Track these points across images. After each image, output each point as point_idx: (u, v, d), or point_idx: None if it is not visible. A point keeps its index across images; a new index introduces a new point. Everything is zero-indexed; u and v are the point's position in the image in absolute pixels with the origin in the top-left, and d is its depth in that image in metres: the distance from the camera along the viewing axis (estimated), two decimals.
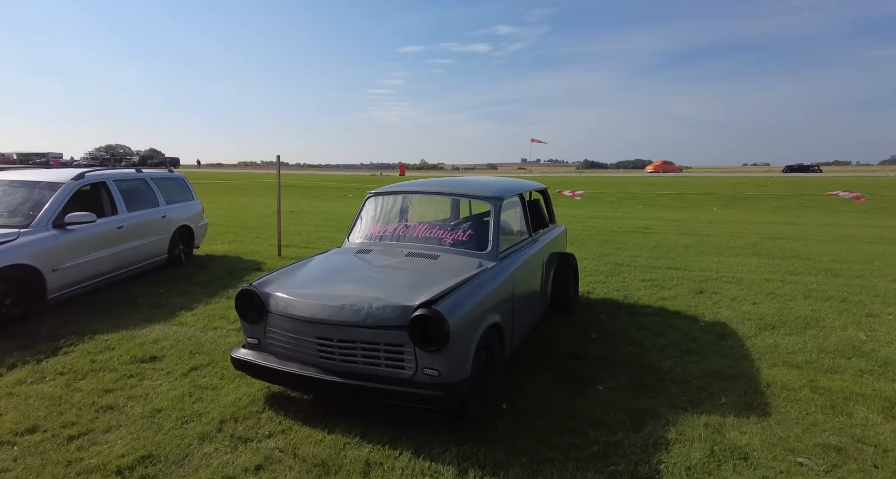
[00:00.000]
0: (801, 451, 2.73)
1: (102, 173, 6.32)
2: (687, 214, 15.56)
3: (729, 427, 2.96)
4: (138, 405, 3.16)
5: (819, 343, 4.32)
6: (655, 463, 2.60)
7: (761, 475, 2.52)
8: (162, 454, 2.62)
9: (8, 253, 4.65)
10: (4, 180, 5.70)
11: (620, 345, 4.25)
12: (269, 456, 2.62)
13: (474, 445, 2.74)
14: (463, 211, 4.85)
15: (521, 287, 3.77)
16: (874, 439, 2.86)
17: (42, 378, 3.55)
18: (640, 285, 6.30)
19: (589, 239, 10.14)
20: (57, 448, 2.66)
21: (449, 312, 2.69)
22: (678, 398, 3.33)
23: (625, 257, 8.13)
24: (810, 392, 3.40)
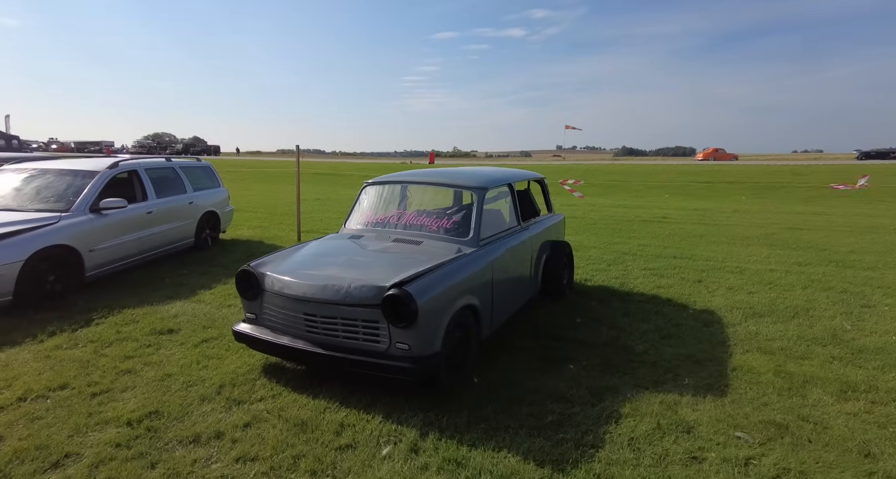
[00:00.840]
0: (744, 426, 2.92)
1: (134, 163, 6.84)
2: (712, 204, 15.32)
3: (683, 405, 3.16)
4: (152, 369, 3.59)
5: (801, 331, 4.42)
6: (602, 433, 2.84)
7: (697, 446, 2.73)
8: (166, 410, 3.02)
9: (50, 235, 5.18)
10: (51, 169, 6.26)
11: (602, 329, 4.45)
12: (257, 416, 2.99)
13: (440, 412, 3.03)
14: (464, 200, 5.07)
15: (503, 272, 4.01)
16: (818, 417, 3.01)
17: (75, 345, 4.02)
18: (640, 274, 6.43)
19: (603, 228, 10.22)
20: (81, 402, 3.10)
21: (419, 292, 2.98)
22: (643, 378, 3.54)
23: (633, 246, 8.22)
24: (773, 376, 3.55)
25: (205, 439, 2.74)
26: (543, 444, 2.73)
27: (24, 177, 6.15)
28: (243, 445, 2.68)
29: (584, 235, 9.27)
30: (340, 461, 2.57)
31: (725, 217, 12.01)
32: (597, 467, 2.54)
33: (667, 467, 2.56)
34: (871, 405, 3.17)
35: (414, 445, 2.71)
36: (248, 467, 2.51)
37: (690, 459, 2.63)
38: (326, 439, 2.75)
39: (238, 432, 2.81)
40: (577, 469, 2.51)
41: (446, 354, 3.25)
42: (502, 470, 2.50)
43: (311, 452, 2.63)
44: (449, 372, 3.30)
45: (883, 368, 3.69)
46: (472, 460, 2.58)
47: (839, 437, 2.82)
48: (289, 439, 2.75)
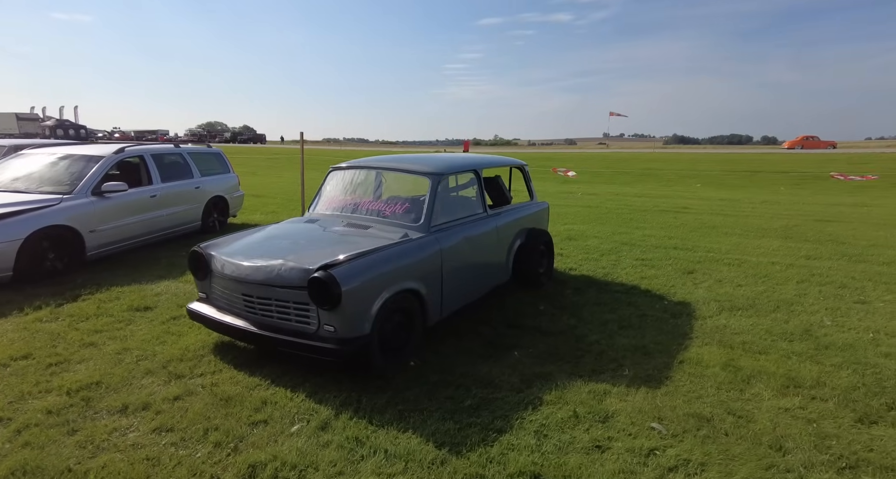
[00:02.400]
0: (667, 418, 2.84)
1: (141, 148, 7.16)
2: (744, 194, 14.66)
3: (612, 395, 3.10)
4: (114, 343, 3.80)
5: (774, 326, 4.22)
6: (513, 419, 2.83)
7: (606, 435, 2.69)
8: (108, 381, 3.20)
9: (50, 215, 5.51)
10: (60, 154, 6.64)
11: (563, 318, 4.39)
12: (190, 390, 3.12)
13: (363, 393, 3.09)
14: None
15: (460, 259, 4.00)
16: (747, 411, 2.90)
17: (55, 319, 4.30)
18: (631, 264, 6.27)
19: (614, 217, 9.97)
20: (35, 372, 3.33)
21: (344, 275, 3.02)
22: (583, 367, 3.48)
23: (636, 237, 8.00)
24: (720, 370, 3.42)
25: (132, 409, 2.89)
26: (451, 427, 2.75)
27: (36, 161, 6.55)
28: (165, 416, 2.82)
29: (589, 225, 9.09)
30: (249, 435, 2.67)
31: (751, 208, 11.48)
32: (493, 451, 2.54)
33: (566, 454, 2.53)
34: (808, 401, 3.02)
35: (324, 423, 2.78)
36: (161, 437, 2.64)
37: (593, 447, 2.59)
38: (244, 414, 2.86)
39: (165, 404, 2.95)
40: (472, 452, 2.52)
41: (382, 337, 3.30)
42: (398, 450, 2.54)
43: (225, 425, 2.74)
44: (385, 355, 3.34)
45: (841, 365, 3.49)
46: (373, 439, 2.63)
47: (758, 431, 2.71)
48: (209, 412, 2.87)
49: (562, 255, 6.73)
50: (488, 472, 2.39)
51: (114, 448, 2.53)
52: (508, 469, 2.40)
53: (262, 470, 2.37)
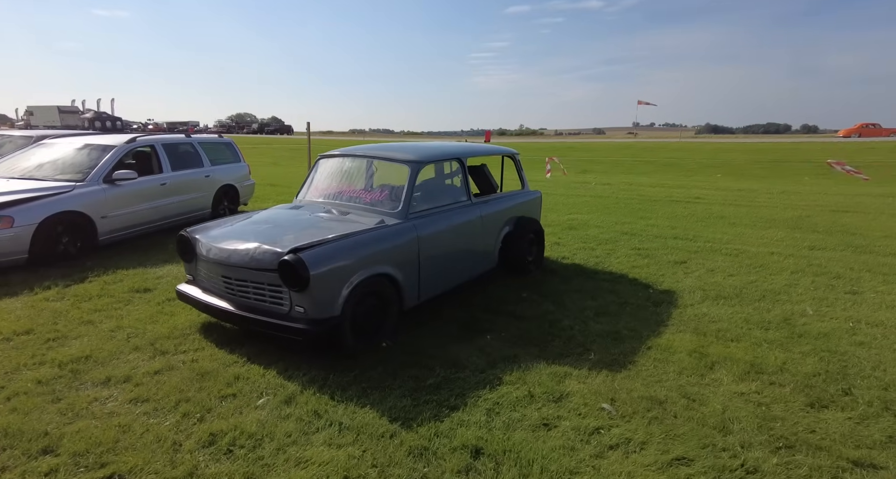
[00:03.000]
0: (622, 400, 2.90)
1: (152, 138, 7.44)
2: (763, 184, 14.31)
3: (572, 377, 3.18)
4: (110, 322, 4.03)
5: (754, 315, 4.21)
6: (470, 398, 2.93)
7: (556, 415, 2.77)
8: (97, 356, 3.42)
9: (63, 202, 5.81)
10: (77, 144, 6.97)
11: (543, 304, 4.45)
12: (171, 365, 3.32)
13: (332, 371, 3.23)
14: (428, 174, 5.15)
15: (439, 245, 4.10)
16: (700, 395, 2.95)
17: (61, 298, 4.57)
18: (626, 254, 6.26)
19: (622, 207, 9.90)
20: (34, 346, 3.58)
21: (312, 259, 3.16)
22: (550, 351, 3.55)
23: (639, 227, 7.95)
24: (686, 355, 3.45)
25: (114, 382, 3.10)
26: (408, 403, 2.87)
27: (54, 151, 6.89)
28: (143, 388, 3.02)
29: (594, 214, 9.05)
30: (216, 407, 2.84)
31: (767, 198, 11.23)
32: (443, 426, 2.65)
33: (512, 431, 2.63)
34: (766, 387, 3.04)
35: (289, 397, 2.93)
36: (136, 407, 2.84)
37: (541, 425, 2.68)
38: (216, 388, 3.03)
39: (146, 377, 3.15)
40: (421, 427, 2.64)
41: (354, 318, 3.43)
42: (353, 423, 2.67)
43: (196, 398, 2.92)
44: (357, 336, 3.48)
45: (809, 353, 3.48)
46: (331, 413, 2.77)
47: (707, 413, 2.76)
48: (184, 386, 3.05)
49: (558, 244, 6.76)
50: (433, 445, 2.50)
51: (91, 416, 2.73)
52: (453, 443, 2.51)
53: (220, 438, 2.53)
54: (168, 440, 2.51)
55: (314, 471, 2.30)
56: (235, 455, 2.41)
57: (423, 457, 2.42)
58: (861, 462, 2.37)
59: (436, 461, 2.39)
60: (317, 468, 2.32)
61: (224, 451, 2.44)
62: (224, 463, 2.36)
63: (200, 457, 2.39)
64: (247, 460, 2.38)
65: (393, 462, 2.37)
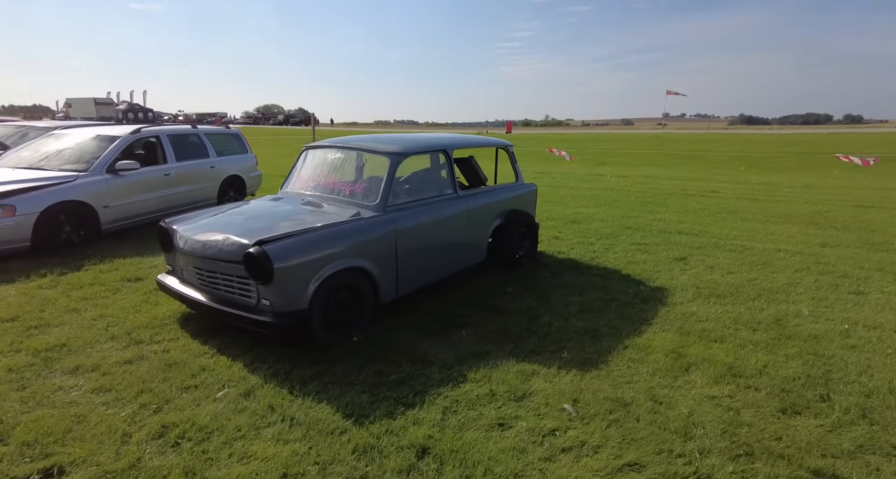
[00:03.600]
0: (586, 401, 2.81)
1: (157, 129, 7.54)
2: (787, 178, 13.82)
3: (539, 376, 3.09)
4: (94, 310, 4.10)
5: (745, 315, 4.04)
6: (430, 395, 2.88)
7: (514, 414, 2.70)
8: (73, 345, 3.48)
9: (65, 191, 5.93)
10: (83, 134, 7.11)
11: (526, 300, 4.36)
12: (142, 355, 3.35)
13: (298, 364, 3.21)
14: (415, 166, 5.08)
15: (419, 239, 4.03)
16: (669, 398, 2.84)
17: (54, 286, 4.67)
18: (624, 249, 6.10)
19: (632, 201, 9.66)
20: (15, 332, 3.65)
21: (277, 251, 3.14)
22: (523, 348, 3.47)
23: (644, 221, 7.74)
24: (663, 356, 3.33)
25: (82, 371, 3.14)
26: (365, 399, 2.83)
27: (61, 141, 7.04)
28: (108, 378, 3.05)
29: (601, 208, 8.86)
30: (175, 399, 2.85)
31: (787, 193, 10.83)
32: (396, 423, 2.61)
33: (465, 430, 2.57)
34: (740, 390, 2.92)
35: (249, 390, 2.92)
36: (97, 397, 2.87)
37: (496, 425, 2.62)
38: (181, 379, 3.04)
39: (115, 367, 3.19)
40: (373, 424, 2.60)
41: (325, 311, 3.40)
42: (306, 419, 2.65)
43: (158, 389, 2.94)
44: (328, 329, 3.46)
45: (794, 355, 3.32)
46: (286, 407, 2.75)
47: (672, 417, 2.65)
48: (150, 376, 3.08)
49: (557, 238, 6.63)
50: (381, 443, 2.46)
51: (51, 405, 2.77)
52: (401, 441, 2.47)
53: (171, 430, 2.54)
54: (119, 431, 2.53)
55: (255, 466, 2.28)
56: (181, 448, 2.41)
57: (367, 455, 2.38)
58: (822, 472, 2.24)
59: (380, 459, 2.35)
60: (258, 463, 2.31)
61: (171, 443, 2.45)
62: (168, 456, 2.36)
63: (147, 449, 2.40)
64: (192, 453, 2.37)
65: (336, 460, 2.34)
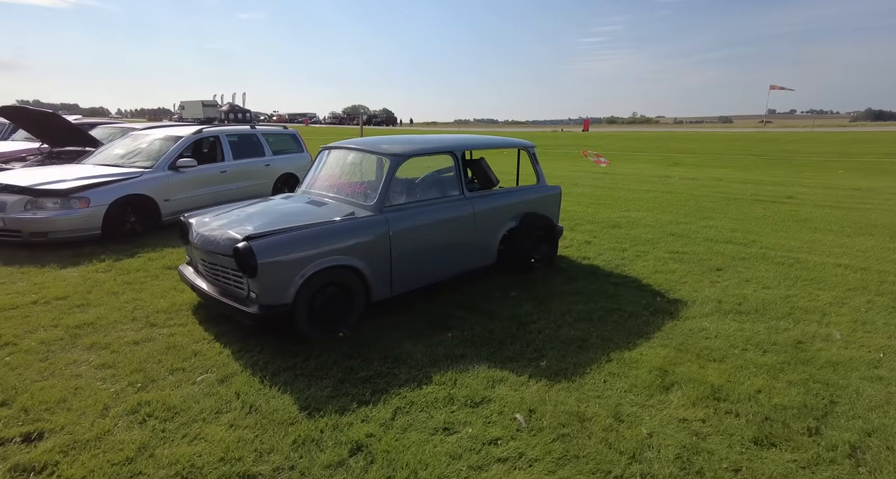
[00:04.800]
0: (541, 412, 2.73)
1: (217, 130, 8.16)
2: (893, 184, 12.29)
3: (506, 383, 3.04)
4: (130, 294, 4.54)
5: (762, 334, 3.71)
6: (389, 394, 2.92)
7: (463, 420, 2.67)
8: (100, 323, 3.88)
9: (132, 186, 6.61)
10: (154, 135, 7.86)
11: (525, 305, 4.26)
12: (151, 337, 3.68)
13: (280, 356, 3.37)
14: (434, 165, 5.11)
15: (418, 240, 4.08)
16: (635, 416, 2.69)
17: (107, 270, 5.22)
18: (658, 257, 5.77)
19: (690, 206, 9.08)
20: (60, 310, 4.12)
21: (262, 247, 3.32)
22: (502, 354, 3.41)
23: (695, 228, 7.25)
24: (647, 372, 3.14)
25: (97, 347, 3.50)
26: (326, 394, 2.93)
27: (136, 141, 7.82)
28: (115, 356, 3.38)
29: (651, 212, 8.41)
30: (161, 379, 3.10)
31: (882, 201, 9.68)
32: (344, 419, 2.68)
33: (408, 432, 2.59)
34: (717, 415, 2.70)
35: (226, 377, 3.12)
36: (98, 372, 3.19)
37: (442, 429, 2.61)
38: (173, 362, 3.30)
39: (124, 346, 3.53)
40: (323, 418, 2.69)
41: (312, 307, 3.55)
42: (265, 407, 2.79)
43: (151, 368, 3.22)
44: (315, 323, 3.60)
45: (798, 382, 3.01)
46: (251, 395, 2.91)
47: (629, 436, 2.51)
48: (149, 357, 3.37)
49: (589, 243, 6.40)
50: (323, 436, 2.55)
51: (60, 376, 3.12)
52: (342, 437, 2.53)
53: (144, 408, 2.77)
54: (101, 405, 2.80)
55: (199, 448, 2.45)
56: (146, 425, 2.63)
57: (304, 447, 2.47)
58: None
59: (315, 453, 2.43)
60: (204, 445, 2.47)
61: (140, 420, 2.68)
62: (133, 431, 2.59)
63: (118, 423, 2.65)
64: (153, 430, 2.59)
65: (275, 449, 2.45)
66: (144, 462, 2.34)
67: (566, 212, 8.36)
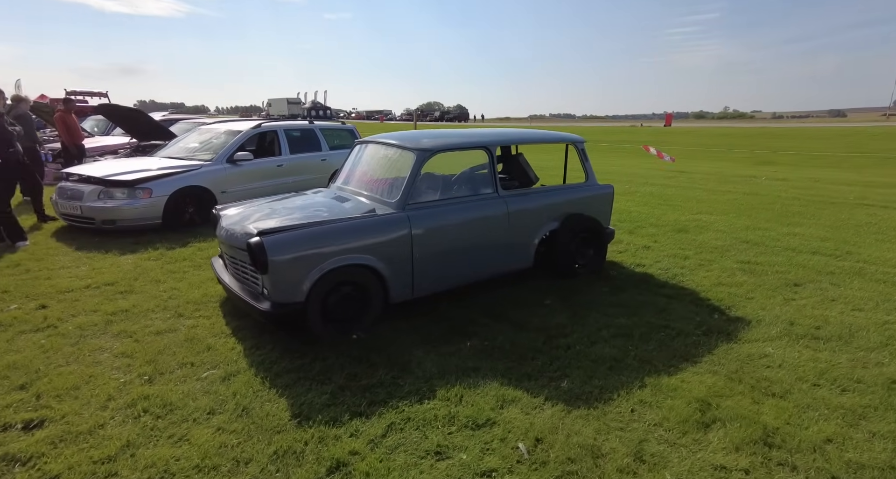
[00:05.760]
0: (550, 442, 2.41)
1: (276, 124, 8.34)
2: None
3: (518, 405, 2.73)
4: (171, 283, 4.65)
5: (843, 368, 3.13)
6: (386, 407, 2.70)
7: (461, 444, 2.41)
8: (134, 310, 3.98)
9: (191, 178, 6.89)
10: (218, 129, 8.16)
11: (559, 316, 3.89)
12: (174, 328, 3.71)
13: (288, 356, 3.25)
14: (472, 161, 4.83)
15: (444, 239, 3.84)
16: (660, 457, 2.31)
17: (159, 258, 5.43)
18: (725, 267, 5.15)
19: (772, 209, 8.14)
20: (104, 296, 4.28)
21: (274, 243, 3.22)
22: (521, 370, 3.09)
23: (775, 235, 6.45)
24: (685, 404, 2.70)
25: (123, 335, 3.57)
26: (322, 401, 2.76)
27: (202, 135, 8.17)
28: (136, 345, 3.42)
29: (725, 216, 7.61)
30: (169, 372, 3.09)
31: None
32: (333, 432, 2.50)
33: (397, 453, 2.36)
34: (765, 465, 2.25)
35: (230, 375, 3.05)
36: (116, 360, 3.23)
37: (433, 453, 2.36)
38: (186, 356, 3.29)
39: (147, 336, 3.57)
40: (312, 428, 2.52)
41: (325, 306, 3.42)
42: (258, 411, 2.67)
43: (163, 361, 3.22)
44: (329, 323, 3.47)
45: (886, 435, 2.45)
46: (247, 397, 2.80)
47: None
48: (165, 348, 3.38)
49: (649, 247, 5.85)
50: (306, 449, 2.38)
51: (81, 362, 3.19)
52: (325, 452, 2.35)
53: (142, 402, 2.74)
54: (106, 395, 2.81)
55: (181, 451, 2.36)
56: (139, 421, 2.59)
57: (283, 460, 2.31)
58: None
59: (293, 467, 2.27)
60: (186, 448, 2.38)
61: (135, 415, 2.65)
62: (126, 426, 2.55)
63: (114, 416, 2.63)
64: (143, 427, 2.54)
65: (253, 460, 2.31)
66: (123, 462, 2.28)
67: (628, 213, 7.76)
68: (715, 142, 28.76)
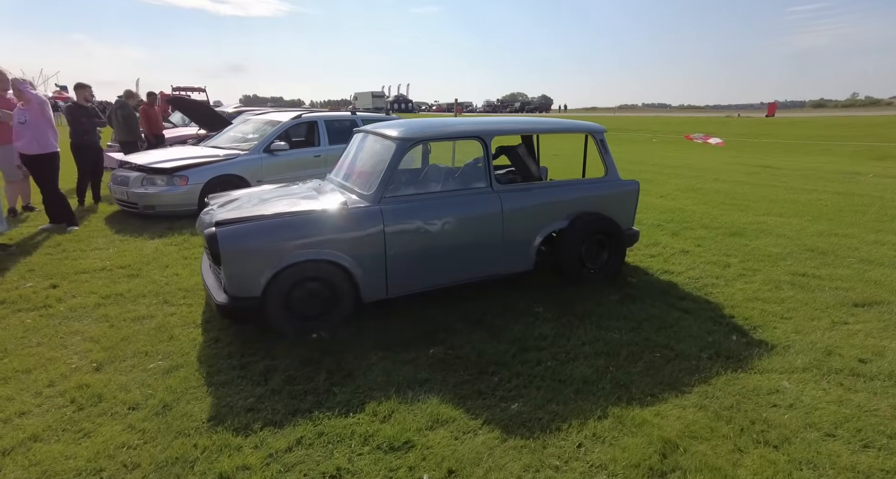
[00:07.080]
0: (466, 475, 2.08)
1: (316, 115, 8.37)
2: None
3: (449, 426, 2.40)
4: (175, 269, 4.73)
5: (878, 417, 2.48)
6: (306, 418, 2.48)
7: (364, 469, 2.13)
8: (128, 295, 4.06)
9: (227, 166, 7.09)
10: (259, 119, 8.35)
11: (543, 327, 3.46)
12: (153, 315, 3.72)
13: (242, 353, 3.13)
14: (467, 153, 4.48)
15: (422, 236, 3.55)
16: None
17: (179, 245, 5.59)
18: (771, 279, 4.42)
19: (864, 214, 6.99)
20: (111, 278, 4.44)
21: (228, 235, 3.10)
22: (472, 386, 2.74)
23: (854, 244, 5.50)
24: (646, 444, 2.23)
25: (102, 319, 3.63)
26: (245, 406, 2.58)
27: (246, 126, 8.39)
28: (108, 329, 3.46)
29: (796, 219, 6.63)
30: (122, 361, 3.06)
31: None
32: (237, 441, 2.31)
33: (289, 474, 2.14)
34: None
35: (175, 367, 2.97)
36: (88, 344, 3.25)
37: (328, 477, 2.11)
38: (145, 344, 3.26)
39: (123, 321, 3.61)
40: (218, 434, 2.35)
41: (287, 302, 3.27)
42: (178, 411, 2.54)
43: (122, 348, 3.21)
44: (291, 321, 3.31)
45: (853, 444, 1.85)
46: (177, 393, 2.69)
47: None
48: (132, 335, 3.38)
49: (687, 252, 5.19)
50: (197, 460, 2.20)
51: (49, 345, 3.26)
52: (214, 466, 2.15)
53: (76, 390, 2.71)
54: (48, 381, 2.83)
55: (76, 449, 2.27)
56: (61, 411, 2.55)
57: (168, 469, 2.16)
58: None
59: (175, 478, 2.11)
60: (85, 445, 2.29)
61: (62, 404, 2.62)
62: (46, 415, 2.52)
63: (43, 404, 2.62)
64: (62, 418, 2.49)
65: (141, 466, 2.18)
66: (14, 457, 2.22)
67: (680, 212, 6.99)
68: (826, 133, 25.67)
